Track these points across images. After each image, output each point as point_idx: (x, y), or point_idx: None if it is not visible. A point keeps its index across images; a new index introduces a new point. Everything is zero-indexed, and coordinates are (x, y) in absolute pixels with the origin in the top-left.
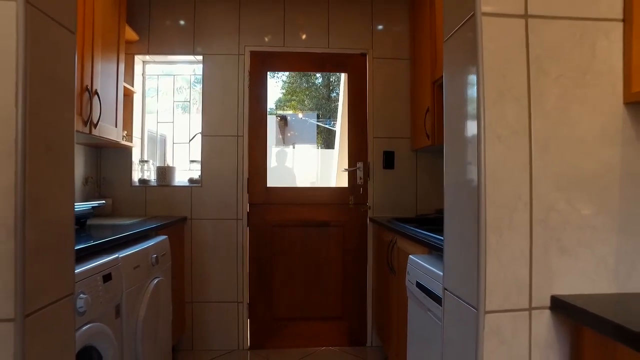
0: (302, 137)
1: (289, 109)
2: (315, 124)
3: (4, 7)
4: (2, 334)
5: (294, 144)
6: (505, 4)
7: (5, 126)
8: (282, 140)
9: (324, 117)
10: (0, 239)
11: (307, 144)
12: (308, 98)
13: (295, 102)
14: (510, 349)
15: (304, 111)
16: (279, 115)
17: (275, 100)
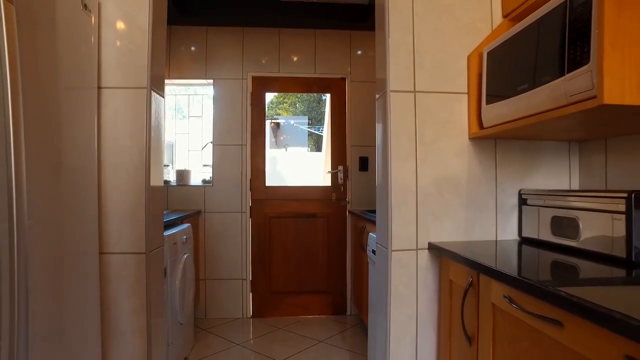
0: (294, 141)
1: (281, 111)
2: (305, 129)
3: (137, 94)
4: (139, 260)
5: (287, 146)
6: (402, 85)
7: (140, 146)
8: (275, 143)
9: (314, 120)
10: (138, 209)
11: (299, 147)
12: (300, 101)
13: (287, 105)
14: (406, 271)
15: (295, 114)
16: (273, 121)
17: (268, 102)
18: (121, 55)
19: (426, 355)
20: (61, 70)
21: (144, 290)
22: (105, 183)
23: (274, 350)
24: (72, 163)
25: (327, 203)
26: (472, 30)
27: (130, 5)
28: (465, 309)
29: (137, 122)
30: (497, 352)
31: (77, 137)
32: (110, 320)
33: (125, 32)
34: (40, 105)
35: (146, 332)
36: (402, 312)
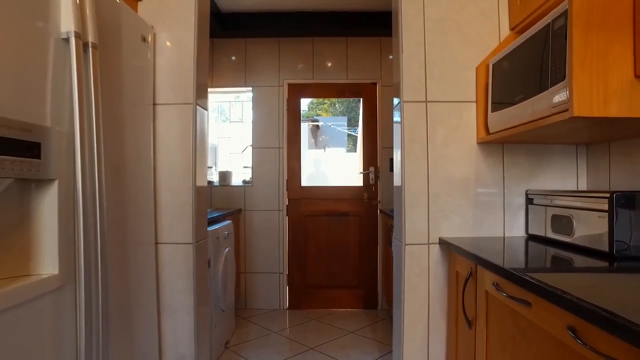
0: (333, 141)
1: (321, 112)
2: (342, 130)
3: (185, 109)
4: (187, 249)
5: (326, 147)
6: (415, 95)
7: (187, 152)
8: (314, 144)
9: (354, 121)
10: (186, 206)
11: (337, 147)
12: (339, 102)
13: (327, 106)
14: (418, 263)
15: (335, 115)
16: (312, 123)
17: (309, 103)
18: (172, 77)
19: (437, 338)
20: (125, 90)
21: (191, 275)
22: (160, 184)
23: (308, 338)
24: (133, 168)
25: (359, 202)
26: (479, 43)
27: (179, 35)
28: (466, 297)
29: (185, 132)
30: (489, 333)
31: (137, 146)
32: (164, 300)
33: (175, 57)
34: (111, 119)
35: (193, 310)
36: (415, 300)
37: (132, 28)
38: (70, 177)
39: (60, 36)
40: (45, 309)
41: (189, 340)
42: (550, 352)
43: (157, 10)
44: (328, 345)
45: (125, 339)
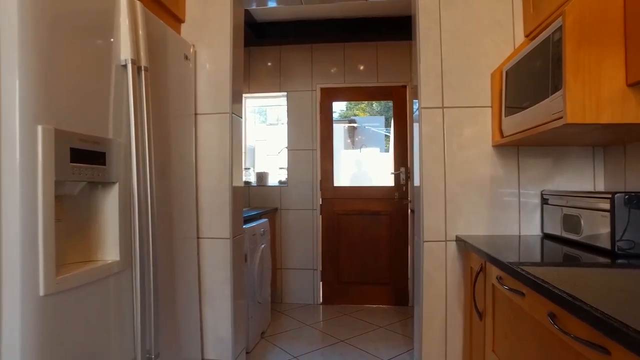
0: (369, 141)
1: (358, 111)
2: (378, 131)
3: (222, 118)
4: (225, 244)
5: (362, 147)
6: (432, 102)
7: (224, 156)
8: (351, 144)
9: (391, 120)
10: (224, 205)
11: (373, 147)
12: (376, 102)
13: (364, 106)
14: (436, 258)
15: (372, 115)
16: (349, 122)
17: (346, 104)
18: (210, 89)
19: (454, 329)
20: (171, 103)
21: (229, 267)
22: (201, 185)
23: (339, 331)
24: (178, 170)
25: (390, 202)
26: (494, 51)
27: (216, 52)
28: (478, 291)
29: (222, 138)
30: (496, 324)
31: (181, 151)
32: (205, 288)
33: (213, 71)
34: (159, 129)
35: (230, 299)
36: (433, 294)
37: (177, 48)
38: (128, 180)
39: (120, 63)
40: (109, 288)
41: (226, 326)
42: (540, 338)
43: (197, 31)
44: (358, 338)
45: (172, 320)
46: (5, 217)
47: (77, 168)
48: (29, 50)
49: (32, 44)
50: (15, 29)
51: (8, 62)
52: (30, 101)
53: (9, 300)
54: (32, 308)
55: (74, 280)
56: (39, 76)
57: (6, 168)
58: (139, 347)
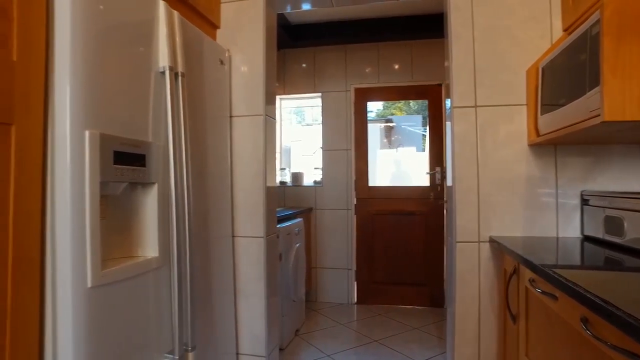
0: (406, 141)
1: (395, 110)
2: (414, 130)
3: (256, 120)
4: (259, 242)
5: (399, 146)
6: (464, 101)
7: (258, 157)
8: (387, 144)
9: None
10: (258, 204)
11: (410, 147)
12: (413, 100)
13: (402, 105)
14: (469, 259)
15: (409, 114)
16: (385, 121)
17: (383, 103)
18: (245, 92)
19: (488, 332)
20: (207, 106)
21: (262, 265)
22: (236, 185)
23: (373, 331)
24: (214, 171)
25: (425, 202)
26: (530, 47)
27: (250, 56)
28: (512, 294)
29: (256, 140)
30: (529, 328)
31: (217, 153)
32: (239, 285)
33: (247, 75)
34: (195, 132)
35: (264, 296)
36: (465, 295)
37: (212, 53)
38: (166, 181)
39: (159, 70)
40: (149, 283)
41: (260, 322)
42: (573, 344)
43: (232, 36)
44: (392, 338)
45: (208, 315)
46: (58, 215)
47: (120, 170)
48: (79, 60)
49: (81, 55)
50: (68, 40)
51: (61, 72)
52: (79, 108)
53: (62, 290)
54: (81, 298)
55: (117, 274)
56: (87, 84)
57: (58, 170)
58: (176, 339)
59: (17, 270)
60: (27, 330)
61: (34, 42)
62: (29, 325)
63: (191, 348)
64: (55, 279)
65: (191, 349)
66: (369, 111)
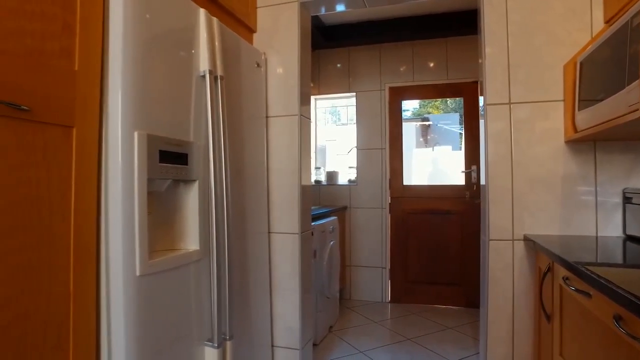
0: (443, 139)
1: (432, 109)
2: (451, 129)
3: (291, 120)
4: (294, 238)
5: (435, 145)
6: (497, 98)
7: (294, 156)
8: (424, 143)
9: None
10: (293, 202)
11: (446, 145)
12: (449, 99)
13: (438, 103)
14: (502, 258)
15: (447, 112)
16: (422, 120)
17: (420, 102)
18: (280, 93)
19: (522, 332)
20: (244, 106)
21: (297, 261)
22: (272, 183)
23: (406, 330)
24: (251, 169)
25: (460, 201)
26: (567, 41)
27: (285, 59)
28: (547, 292)
29: (292, 139)
30: (564, 326)
31: (254, 152)
32: (274, 280)
33: (282, 76)
34: (234, 132)
35: (299, 291)
36: (498, 294)
37: (249, 57)
38: (206, 178)
39: (200, 74)
40: (190, 274)
41: (295, 316)
42: (608, 343)
43: (267, 39)
44: (425, 337)
45: (245, 307)
46: (111, 209)
47: (165, 168)
48: (129, 67)
49: (130, 62)
50: (119, 50)
51: (113, 78)
52: (129, 110)
53: (114, 277)
54: (131, 285)
55: (162, 264)
56: (136, 89)
57: (111, 168)
58: (215, 327)
59: (78, 258)
60: (86, 312)
61: (92, 53)
62: (87, 307)
63: (229, 337)
64: (108, 267)
65: (229, 338)
66: (404, 110)
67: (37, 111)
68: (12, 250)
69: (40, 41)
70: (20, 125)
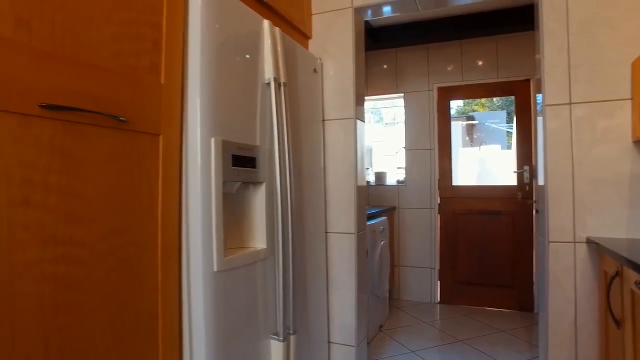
0: (489, 138)
1: (477, 107)
2: (498, 127)
3: (347, 123)
4: (350, 238)
5: (482, 144)
6: (557, 99)
7: (349, 157)
8: (469, 142)
9: (513, 114)
10: (350, 202)
11: (493, 145)
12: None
13: (484, 100)
14: (563, 260)
15: (492, 110)
16: (466, 122)
17: (464, 100)
18: (336, 97)
19: (586, 337)
20: (302, 111)
21: (354, 260)
22: (328, 184)
23: (457, 331)
24: (309, 171)
25: (512, 201)
26: (636, 38)
27: (340, 64)
28: (615, 297)
29: (347, 141)
30: (636, 333)
31: (312, 154)
32: (331, 278)
33: (338, 81)
34: (293, 135)
35: (354, 289)
36: (559, 297)
37: (306, 63)
38: (272, 180)
39: (264, 81)
40: (257, 271)
41: (351, 314)
42: None
43: (322, 45)
44: (477, 339)
45: (304, 304)
46: (191, 209)
47: (236, 171)
48: (205, 78)
49: (207, 74)
50: (197, 63)
51: (192, 89)
52: (207, 118)
53: (194, 273)
54: (209, 280)
55: (235, 261)
56: (212, 98)
57: (191, 172)
58: (280, 322)
59: (164, 255)
60: (171, 302)
61: (175, 66)
62: (172, 298)
63: (293, 332)
64: (189, 263)
65: (293, 333)
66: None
67: (132, 122)
68: (117, 247)
69: (135, 59)
70: (119, 134)
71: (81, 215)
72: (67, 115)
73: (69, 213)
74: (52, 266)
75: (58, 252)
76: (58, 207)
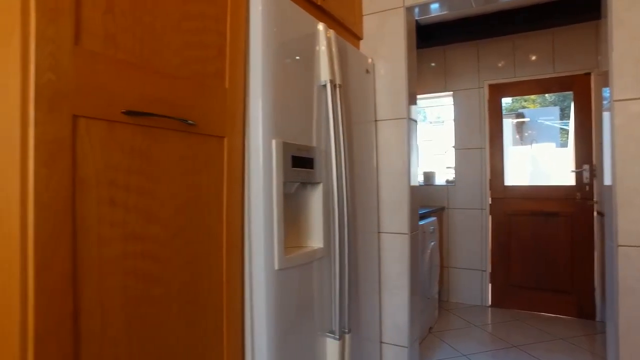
0: (541, 136)
1: (527, 103)
2: (551, 124)
3: (399, 123)
4: (404, 238)
5: (533, 142)
6: (627, 94)
7: (402, 157)
8: (519, 140)
9: (568, 110)
10: (403, 202)
11: (546, 142)
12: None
13: (535, 97)
14: (635, 265)
15: (544, 106)
16: (516, 120)
17: (517, 97)
18: (388, 98)
19: None
20: (354, 111)
21: (406, 260)
22: (381, 184)
23: (510, 336)
24: (362, 171)
25: (570, 202)
26: None
27: (392, 64)
28: None
29: (400, 141)
30: None
31: (365, 154)
32: (384, 278)
33: (390, 81)
34: (348, 136)
35: (407, 290)
36: (632, 305)
37: (359, 64)
38: (328, 180)
39: (320, 83)
40: (314, 270)
41: (403, 314)
42: None
43: (373, 45)
44: (533, 346)
45: (357, 303)
46: (253, 209)
47: (296, 171)
48: (266, 81)
49: (267, 77)
50: (259, 67)
51: (254, 92)
52: (268, 120)
53: (256, 270)
54: (270, 278)
55: (295, 260)
56: (272, 101)
57: (253, 173)
58: (337, 321)
59: (229, 253)
60: (235, 297)
61: (238, 71)
62: (236, 293)
63: (348, 331)
64: (251, 261)
65: (348, 332)
66: None
67: (200, 125)
68: (187, 244)
69: (202, 65)
70: (189, 137)
71: (156, 213)
72: (145, 120)
73: (146, 212)
74: (133, 261)
75: (137, 248)
76: (137, 206)
